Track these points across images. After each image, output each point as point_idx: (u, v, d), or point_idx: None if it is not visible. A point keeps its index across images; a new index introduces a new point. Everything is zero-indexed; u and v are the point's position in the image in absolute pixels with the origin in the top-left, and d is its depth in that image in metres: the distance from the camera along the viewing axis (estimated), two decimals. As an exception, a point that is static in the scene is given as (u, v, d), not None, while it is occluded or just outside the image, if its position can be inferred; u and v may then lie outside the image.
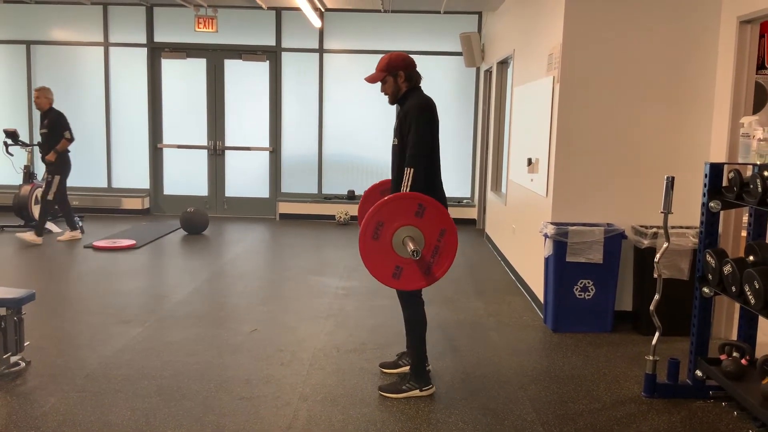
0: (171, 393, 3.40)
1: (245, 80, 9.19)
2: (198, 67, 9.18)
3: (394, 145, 3.45)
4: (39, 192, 7.81)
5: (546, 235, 4.53)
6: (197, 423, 3.08)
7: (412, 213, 3.15)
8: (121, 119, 9.27)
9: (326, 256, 7.01)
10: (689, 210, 4.50)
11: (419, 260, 3.15)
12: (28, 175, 7.89)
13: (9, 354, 3.55)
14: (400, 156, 3.39)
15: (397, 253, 3.15)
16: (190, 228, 7.92)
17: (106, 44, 9.11)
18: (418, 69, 3.50)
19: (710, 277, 3.38)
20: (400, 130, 3.39)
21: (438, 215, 3.17)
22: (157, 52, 9.14)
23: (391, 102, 3.52)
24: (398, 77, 3.44)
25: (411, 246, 3.06)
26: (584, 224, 4.55)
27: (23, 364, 3.63)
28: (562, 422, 3.20)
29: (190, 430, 3.01)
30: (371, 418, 3.19)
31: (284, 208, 9.24)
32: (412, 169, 3.27)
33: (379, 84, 3.51)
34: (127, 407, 3.22)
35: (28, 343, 3.78)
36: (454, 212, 8.93)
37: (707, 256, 3.39)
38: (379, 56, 3.50)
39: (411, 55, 3.50)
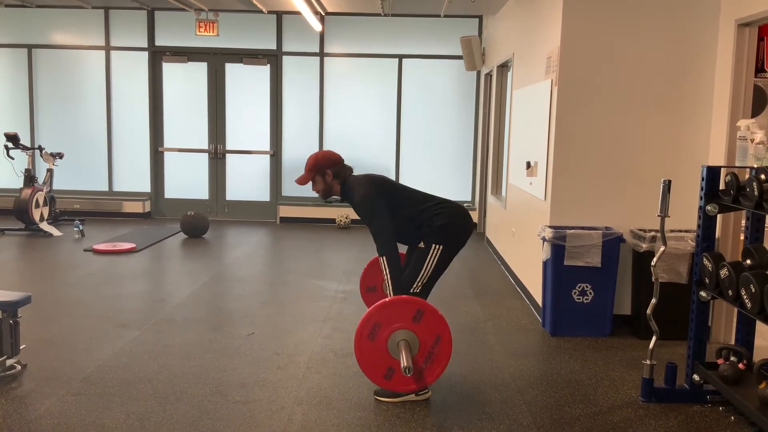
0: (166, 396, 3.39)
1: (246, 84, 9.20)
2: (199, 70, 9.20)
3: None
4: (40, 195, 7.84)
5: (544, 239, 4.52)
6: (192, 427, 3.07)
7: (410, 317, 3.24)
8: (122, 123, 9.28)
9: (326, 259, 7.01)
10: (688, 213, 4.47)
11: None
12: (29, 178, 7.90)
13: (5, 357, 3.55)
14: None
15: (391, 355, 3.22)
16: (191, 231, 7.93)
17: (108, 48, 9.14)
18: (345, 163, 3.71)
19: (707, 280, 3.36)
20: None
21: (435, 322, 3.26)
22: (158, 56, 9.16)
23: (323, 197, 3.75)
24: (326, 176, 3.65)
25: (404, 362, 3.07)
26: (582, 228, 4.54)
27: (19, 368, 3.62)
28: (558, 427, 3.19)
29: (184, 434, 3.01)
30: (366, 422, 3.18)
31: (285, 211, 9.24)
32: (384, 258, 3.46)
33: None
34: (122, 411, 3.22)
35: (24, 346, 3.77)
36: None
37: (704, 259, 3.37)
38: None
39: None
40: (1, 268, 6.22)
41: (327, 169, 3.62)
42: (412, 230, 3.61)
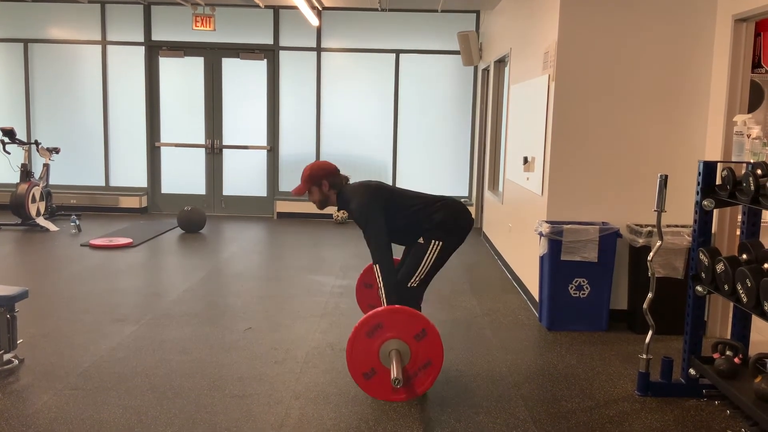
0: (164, 391, 3.39)
1: (243, 79, 9.19)
2: (196, 65, 9.18)
3: None
4: (36, 190, 7.82)
5: (541, 234, 4.52)
6: (189, 421, 3.08)
7: (413, 333, 3.20)
8: (119, 118, 9.26)
9: (323, 254, 7.01)
10: (685, 208, 4.48)
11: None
12: (26, 173, 7.87)
13: (2, 352, 3.55)
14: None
15: (379, 359, 3.19)
16: (188, 226, 7.92)
17: (104, 42, 9.11)
18: (341, 172, 3.72)
19: (703, 275, 3.37)
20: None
21: (432, 347, 3.21)
22: (154, 51, 9.14)
23: (320, 208, 3.76)
24: (322, 186, 3.66)
25: (394, 373, 3.04)
26: (579, 223, 4.55)
27: (16, 362, 3.63)
28: (554, 420, 3.20)
29: (181, 429, 3.01)
30: (363, 416, 3.19)
31: (282, 206, 9.24)
32: (378, 265, 3.43)
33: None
34: (119, 405, 3.22)
35: (21, 340, 3.78)
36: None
37: (700, 254, 3.38)
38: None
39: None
40: (-3, 263, 6.22)
41: (323, 180, 3.65)
42: (412, 230, 3.61)
